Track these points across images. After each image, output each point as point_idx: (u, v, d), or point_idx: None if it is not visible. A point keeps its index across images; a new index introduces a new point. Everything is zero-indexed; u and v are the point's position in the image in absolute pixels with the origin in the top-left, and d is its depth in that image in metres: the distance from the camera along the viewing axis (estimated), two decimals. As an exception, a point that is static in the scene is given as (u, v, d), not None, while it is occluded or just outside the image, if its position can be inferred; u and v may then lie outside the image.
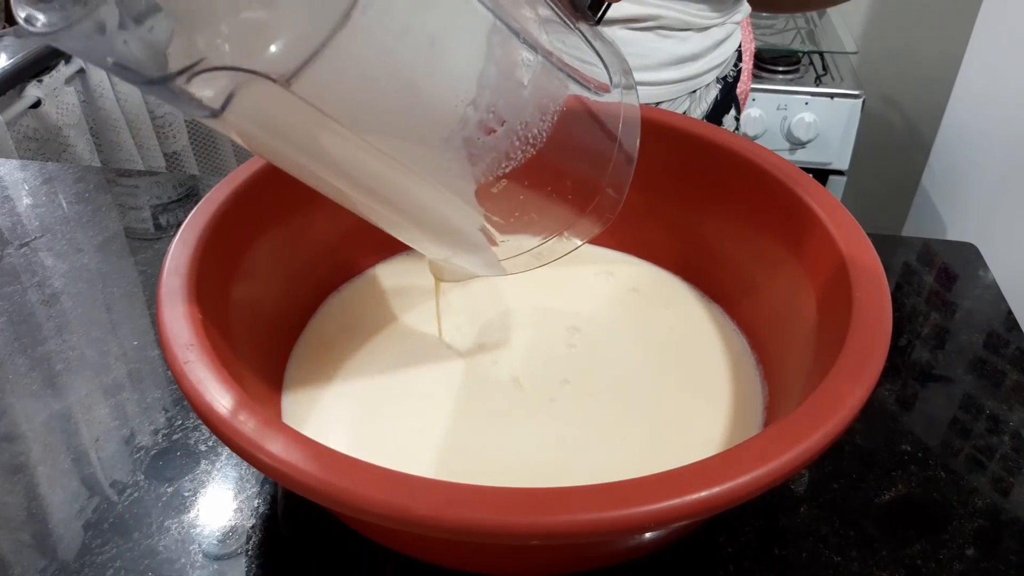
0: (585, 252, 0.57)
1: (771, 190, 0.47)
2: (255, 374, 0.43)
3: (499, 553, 0.36)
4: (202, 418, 0.32)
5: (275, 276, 0.48)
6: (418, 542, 0.37)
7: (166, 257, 0.39)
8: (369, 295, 0.54)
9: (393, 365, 0.48)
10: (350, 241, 0.54)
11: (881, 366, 0.34)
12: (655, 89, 0.71)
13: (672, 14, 0.67)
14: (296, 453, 0.30)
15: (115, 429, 0.48)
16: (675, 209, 0.53)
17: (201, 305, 0.37)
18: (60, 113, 1.07)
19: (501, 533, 0.28)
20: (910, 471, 0.46)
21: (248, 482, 0.45)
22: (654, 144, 0.52)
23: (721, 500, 0.29)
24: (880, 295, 0.38)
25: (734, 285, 0.52)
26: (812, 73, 1.50)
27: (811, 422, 0.31)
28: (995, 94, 1.31)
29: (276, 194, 0.47)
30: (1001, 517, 0.43)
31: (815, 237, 0.43)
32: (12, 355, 0.54)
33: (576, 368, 0.48)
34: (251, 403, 0.32)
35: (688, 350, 0.49)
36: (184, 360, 0.34)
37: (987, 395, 0.51)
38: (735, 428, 0.44)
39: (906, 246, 0.66)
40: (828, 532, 0.42)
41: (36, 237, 0.65)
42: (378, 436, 0.44)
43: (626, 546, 0.38)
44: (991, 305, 0.59)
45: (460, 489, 0.28)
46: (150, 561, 0.41)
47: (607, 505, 0.28)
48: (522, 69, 0.26)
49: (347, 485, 0.28)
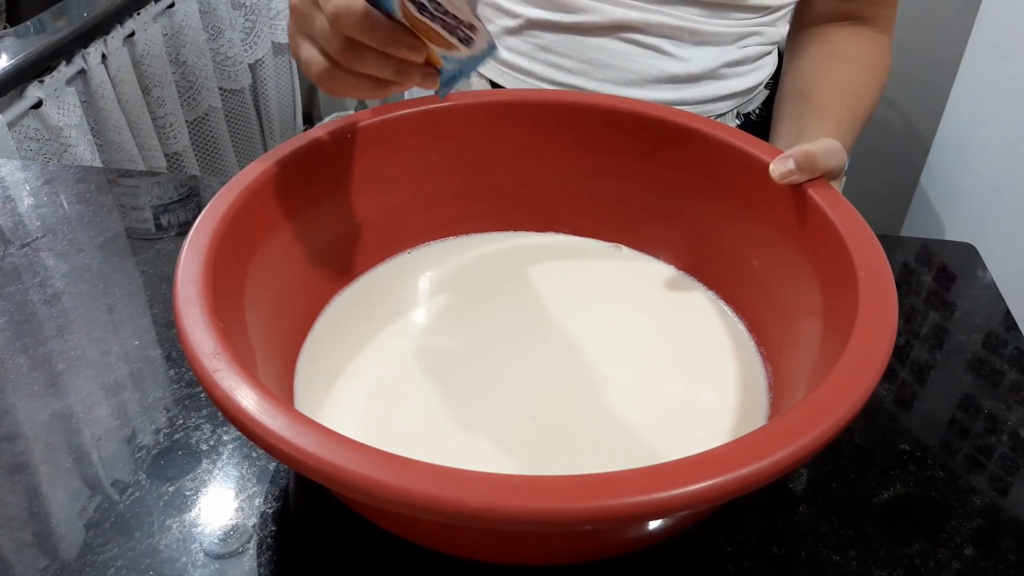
0: (588, 248, 0.57)
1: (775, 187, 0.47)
2: (271, 373, 0.43)
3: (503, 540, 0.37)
4: (239, 426, 0.32)
5: (284, 277, 0.48)
6: (446, 534, 0.38)
7: (177, 267, 0.39)
8: (371, 294, 0.54)
9: (400, 359, 0.49)
10: (355, 240, 0.54)
11: (889, 352, 0.35)
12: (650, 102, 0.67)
13: (676, 22, 0.64)
14: (347, 456, 0.30)
15: (116, 428, 0.48)
16: (682, 207, 0.54)
17: (219, 312, 0.37)
18: (61, 113, 1.08)
19: (554, 520, 0.28)
20: (909, 470, 0.46)
21: (249, 481, 0.45)
22: (662, 144, 0.53)
23: (764, 475, 0.30)
24: (885, 289, 0.38)
25: (738, 278, 0.52)
26: (811, 74, 1.51)
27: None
28: (993, 95, 1.31)
29: (281, 197, 0.47)
30: (999, 516, 0.44)
31: (822, 232, 0.44)
32: (14, 355, 0.54)
33: (581, 360, 0.48)
34: (289, 409, 0.32)
35: (693, 342, 0.50)
36: (213, 369, 0.34)
37: (986, 395, 0.51)
38: (740, 417, 0.44)
39: (905, 246, 0.66)
40: (827, 531, 0.42)
41: (37, 237, 0.65)
42: (388, 429, 0.44)
43: (642, 534, 0.39)
44: (989, 305, 0.59)
45: (510, 480, 0.29)
46: (151, 560, 0.41)
47: (656, 486, 0.28)
48: None
49: (399, 483, 0.29)
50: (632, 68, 0.66)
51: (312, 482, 0.32)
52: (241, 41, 1.56)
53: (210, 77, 1.47)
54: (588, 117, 0.54)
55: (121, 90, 1.22)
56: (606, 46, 0.65)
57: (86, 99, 1.15)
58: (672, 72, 0.66)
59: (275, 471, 0.46)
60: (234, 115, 1.60)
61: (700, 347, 0.50)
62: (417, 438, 0.43)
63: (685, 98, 0.68)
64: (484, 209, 0.58)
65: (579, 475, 0.29)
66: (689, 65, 0.66)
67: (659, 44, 0.65)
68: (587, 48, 0.66)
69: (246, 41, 1.59)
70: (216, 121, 1.52)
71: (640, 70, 0.66)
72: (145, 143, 1.29)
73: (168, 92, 1.34)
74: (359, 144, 0.52)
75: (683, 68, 0.66)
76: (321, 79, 0.42)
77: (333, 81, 0.42)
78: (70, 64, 1.10)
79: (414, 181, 0.55)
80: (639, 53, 0.65)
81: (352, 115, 0.51)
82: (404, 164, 0.54)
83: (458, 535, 0.37)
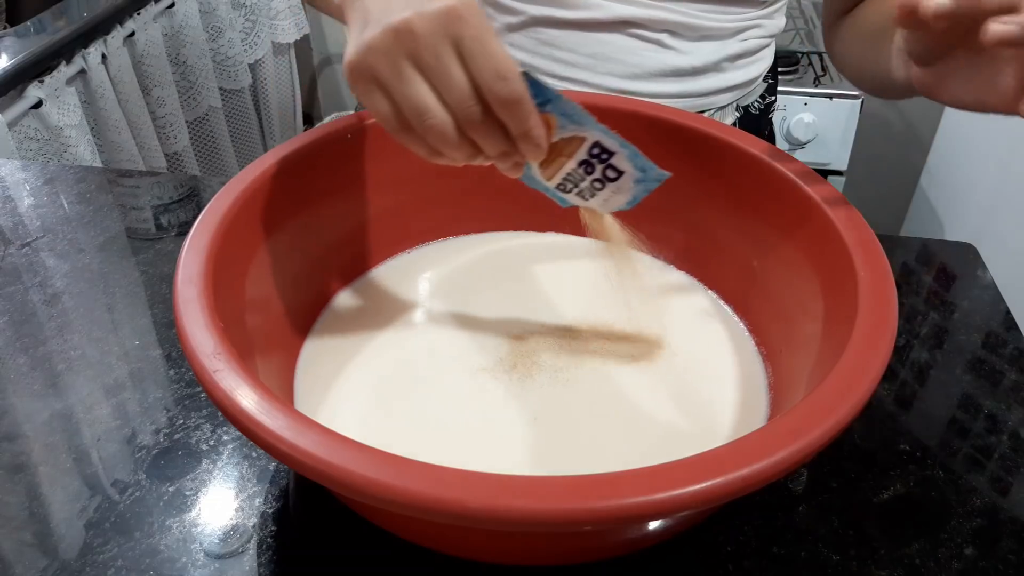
0: (588, 248, 0.57)
1: (775, 187, 0.47)
2: (271, 373, 0.43)
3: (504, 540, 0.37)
4: (239, 426, 0.32)
5: (284, 277, 0.48)
6: (446, 534, 0.38)
7: (177, 267, 0.39)
8: (371, 294, 0.54)
9: (400, 359, 0.49)
10: (355, 240, 0.54)
11: (889, 352, 0.35)
12: (649, 101, 0.68)
13: (677, 17, 0.64)
14: (347, 456, 0.30)
15: (116, 429, 0.48)
16: (682, 206, 0.54)
17: (219, 312, 0.37)
18: (61, 113, 1.08)
19: (554, 520, 0.28)
20: (909, 470, 0.46)
21: (249, 481, 0.45)
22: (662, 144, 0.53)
23: (764, 475, 0.30)
24: (885, 289, 0.38)
25: (739, 278, 0.52)
26: (811, 74, 1.50)
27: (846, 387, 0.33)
28: (994, 95, 1.31)
29: (281, 197, 0.47)
30: (999, 516, 0.44)
31: (822, 232, 0.44)
32: (14, 355, 0.54)
33: (581, 360, 0.48)
34: (289, 409, 0.32)
35: (693, 342, 0.50)
36: (213, 370, 0.34)
37: (985, 395, 0.51)
38: (740, 417, 0.44)
39: (905, 246, 0.66)
40: (827, 531, 0.42)
41: (37, 237, 0.65)
42: (388, 429, 0.44)
43: (641, 535, 0.39)
44: (989, 305, 0.59)
45: (510, 480, 0.29)
46: (151, 560, 0.41)
47: (656, 487, 0.29)
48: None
49: (399, 483, 0.29)
50: (635, 62, 0.66)
51: (312, 482, 0.32)
52: (241, 41, 1.56)
53: (210, 77, 1.47)
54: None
55: (121, 90, 1.22)
56: (609, 41, 0.66)
57: (86, 99, 1.15)
58: (675, 65, 0.67)
59: (275, 471, 0.45)
60: (234, 115, 1.60)
61: (700, 347, 0.50)
62: (417, 438, 0.43)
63: (688, 90, 0.68)
64: (484, 209, 0.58)
65: (579, 475, 0.29)
66: (691, 58, 0.67)
67: (661, 38, 0.66)
68: (591, 43, 0.66)
69: (246, 41, 1.59)
70: (216, 121, 1.52)
71: (643, 64, 0.67)
72: (145, 143, 1.29)
73: (168, 92, 1.34)
74: (359, 144, 0.52)
75: (686, 61, 0.67)
76: (424, 125, 0.36)
77: (431, 131, 0.36)
78: (70, 64, 1.10)
79: (414, 181, 0.55)
80: (642, 47, 0.66)
81: (352, 115, 0.51)
82: (404, 164, 0.54)
83: (458, 535, 0.37)
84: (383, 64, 0.35)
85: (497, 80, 0.35)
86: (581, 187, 0.43)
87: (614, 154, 0.41)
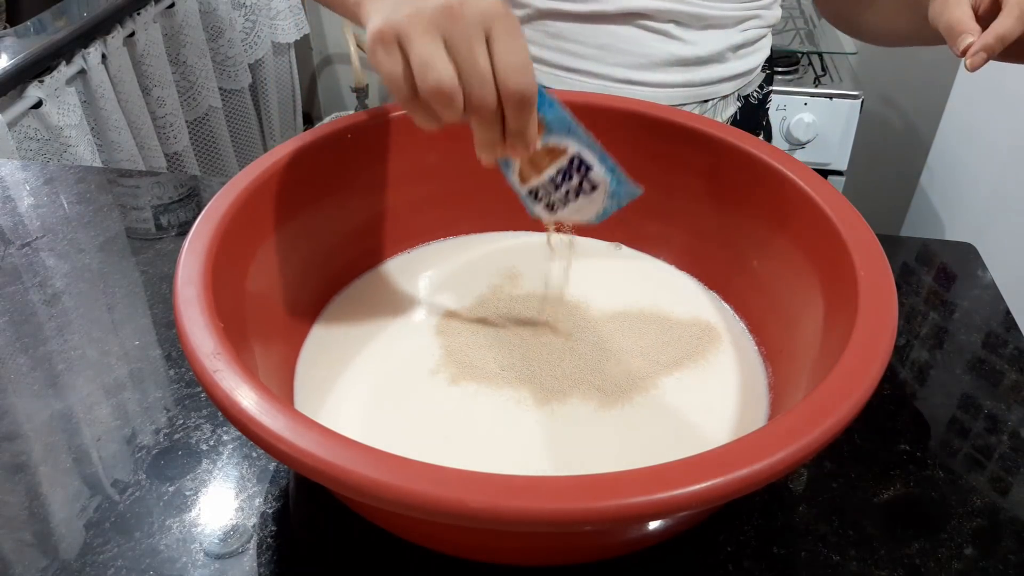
0: (588, 248, 0.57)
1: (775, 187, 0.47)
2: (271, 373, 0.43)
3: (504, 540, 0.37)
4: (239, 426, 0.32)
5: (284, 277, 0.48)
6: (446, 534, 0.38)
7: (177, 267, 0.39)
8: (371, 294, 0.54)
9: (400, 359, 0.49)
10: (355, 240, 0.54)
11: (889, 352, 0.35)
12: (653, 91, 0.69)
13: (683, 7, 0.66)
14: (347, 456, 0.30)
15: (116, 428, 0.48)
16: (682, 206, 0.54)
17: (219, 312, 0.37)
18: (61, 113, 1.08)
19: (554, 520, 0.28)
20: (908, 470, 0.46)
21: (249, 481, 0.45)
22: (662, 143, 0.53)
23: (764, 475, 0.30)
24: (885, 289, 0.38)
25: (738, 278, 0.52)
26: (811, 73, 1.50)
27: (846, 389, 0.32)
28: (993, 95, 1.31)
29: (281, 197, 0.47)
30: (999, 516, 0.44)
31: (822, 232, 0.44)
32: (14, 355, 0.54)
33: (581, 360, 0.48)
34: (289, 409, 0.32)
35: (692, 341, 0.50)
36: (214, 370, 0.34)
37: (985, 395, 0.51)
38: (740, 417, 0.44)
39: (905, 246, 0.66)
40: (827, 531, 0.42)
41: (37, 237, 0.65)
42: (388, 428, 0.44)
43: (641, 535, 0.39)
44: (989, 305, 0.59)
45: (510, 480, 0.29)
46: (151, 560, 0.41)
47: (656, 487, 0.29)
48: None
49: (400, 483, 0.29)
50: (643, 52, 0.68)
51: (312, 482, 0.32)
52: (241, 41, 1.56)
53: (210, 77, 1.47)
54: (587, 116, 0.54)
55: (121, 90, 1.22)
56: (617, 32, 0.67)
57: (86, 99, 1.15)
58: (681, 55, 0.68)
59: (275, 471, 0.45)
60: (234, 115, 1.60)
61: (700, 347, 0.50)
62: (417, 438, 0.43)
63: (693, 79, 0.70)
64: (484, 209, 0.58)
65: (579, 476, 0.29)
66: (697, 48, 0.68)
67: (667, 29, 0.67)
68: (599, 34, 0.67)
69: (246, 41, 1.59)
70: (216, 121, 1.52)
71: (650, 54, 0.68)
72: (145, 143, 1.29)
73: (168, 92, 1.34)
74: (359, 144, 0.52)
75: (691, 51, 0.68)
76: (435, 86, 0.37)
77: (448, 103, 0.37)
78: (70, 64, 1.10)
79: (414, 181, 0.55)
80: (649, 38, 0.67)
81: (352, 115, 0.51)
82: (404, 164, 0.54)
83: (458, 535, 0.37)
84: (418, 30, 0.37)
85: (515, 73, 0.37)
86: (553, 198, 0.44)
87: (592, 168, 0.42)
